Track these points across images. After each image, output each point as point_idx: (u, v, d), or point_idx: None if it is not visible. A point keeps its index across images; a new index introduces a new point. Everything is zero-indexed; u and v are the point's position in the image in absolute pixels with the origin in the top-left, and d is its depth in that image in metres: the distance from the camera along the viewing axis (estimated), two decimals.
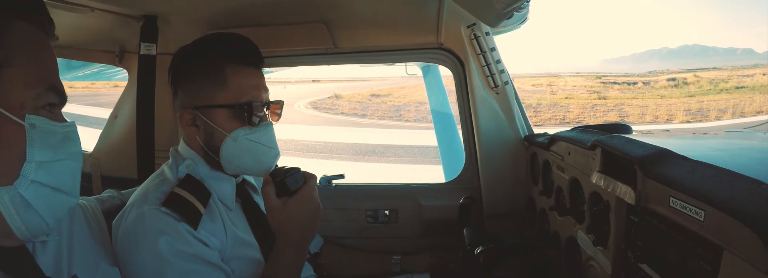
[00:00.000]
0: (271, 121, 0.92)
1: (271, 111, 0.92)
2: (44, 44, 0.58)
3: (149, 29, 1.29)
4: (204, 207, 0.82)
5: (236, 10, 1.23)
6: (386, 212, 1.54)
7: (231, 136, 0.85)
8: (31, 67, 0.54)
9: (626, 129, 1.08)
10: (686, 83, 28.96)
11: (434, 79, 2.35)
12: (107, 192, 0.99)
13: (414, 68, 2.26)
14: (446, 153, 2.29)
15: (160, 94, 1.36)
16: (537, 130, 1.47)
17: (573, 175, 1.02)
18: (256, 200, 0.97)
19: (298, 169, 0.84)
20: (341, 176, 1.58)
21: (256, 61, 0.91)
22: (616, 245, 0.81)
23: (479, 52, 1.36)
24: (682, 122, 17.93)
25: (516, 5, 0.85)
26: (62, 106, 0.60)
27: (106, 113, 1.90)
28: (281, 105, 0.95)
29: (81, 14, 1.15)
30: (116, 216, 0.82)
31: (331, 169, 1.78)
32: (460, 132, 1.54)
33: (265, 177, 0.83)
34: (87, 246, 0.71)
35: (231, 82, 0.86)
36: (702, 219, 0.54)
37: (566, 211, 1.06)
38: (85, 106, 15.84)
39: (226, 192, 0.89)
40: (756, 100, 21.62)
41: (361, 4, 1.22)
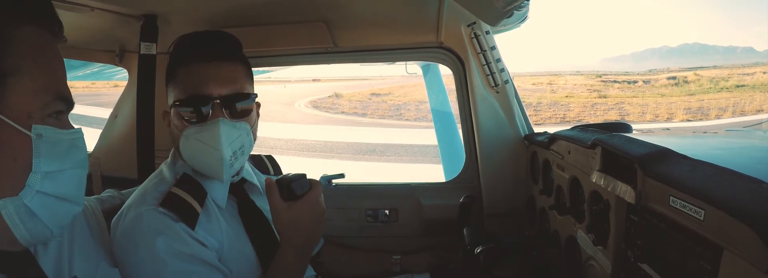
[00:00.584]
0: (222, 118, 0.82)
1: (220, 106, 0.82)
2: (53, 50, 0.56)
3: (149, 29, 1.28)
4: (201, 206, 0.82)
5: (236, 10, 1.23)
6: (386, 211, 1.54)
7: (183, 135, 0.83)
8: (39, 74, 0.52)
9: (626, 128, 1.08)
10: (686, 82, 28.91)
11: (434, 78, 2.35)
12: (107, 192, 0.99)
13: (414, 67, 2.26)
14: (446, 153, 2.29)
15: (160, 93, 1.34)
16: (537, 129, 1.47)
17: (573, 174, 1.02)
18: (254, 200, 0.95)
19: (304, 175, 0.84)
20: (341, 175, 1.58)
21: (210, 54, 0.84)
22: (616, 244, 0.81)
23: (479, 50, 1.35)
24: (683, 121, 17.93)
25: (516, 4, 0.85)
26: (69, 111, 0.58)
27: (106, 113, 1.90)
28: (239, 98, 0.84)
29: (81, 14, 1.15)
30: (114, 216, 0.82)
31: (331, 169, 1.78)
32: (460, 131, 1.54)
33: (269, 180, 0.82)
34: (87, 246, 0.71)
35: (180, 78, 0.86)
36: (702, 219, 0.54)
37: (566, 210, 1.06)
38: (85, 106, 15.83)
39: (217, 192, 0.88)
40: (756, 99, 21.61)
41: (361, 4, 1.22)
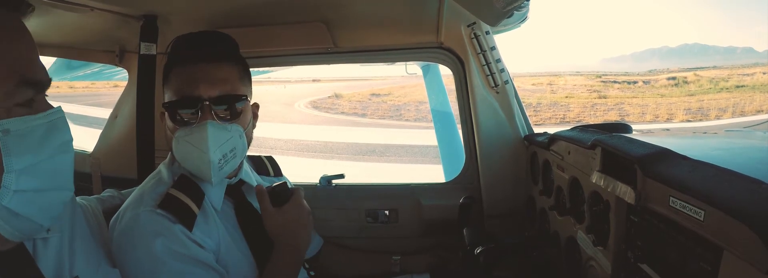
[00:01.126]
0: (211, 120, 0.81)
1: (210, 107, 0.82)
2: (12, 29, 0.48)
3: (149, 29, 1.28)
4: (198, 208, 0.83)
5: (236, 10, 1.23)
6: (386, 212, 1.53)
7: (175, 137, 0.83)
8: None
9: (626, 128, 1.08)
10: (686, 82, 28.93)
11: (434, 79, 2.35)
12: (107, 192, 0.99)
13: (414, 67, 2.25)
14: (446, 153, 2.28)
15: (160, 94, 1.34)
16: (537, 130, 1.46)
17: (573, 175, 1.02)
18: (252, 202, 0.95)
19: (285, 182, 0.93)
20: (341, 176, 1.58)
21: (202, 55, 0.84)
22: (616, 245, 0.81)
23: (479, 51, 1.35)
24: (683, 121, 17.92)
25: (516, 4, 0.84)
26: (44, 91, 0.51)
27: (106, 113, 1.90)
28: (230, 100, 0.83)
29: (81, 14, 1.14)
30: (112, 217, 0.83)
31: (331, 169, 1.78)
32: (460, 131, 1.54)
33: (259, 188, 0.88)
34: (88, 246, 0.71)
35: (173, 79, 0.87)
36: (702, 219, 0.54)
37: (566, 211, 1.06)
38: (85, 106, 15.84)
39: (213, 193, 0.89)
40: (756, 99, 21.60)
41: (361, 4, 1.22)
